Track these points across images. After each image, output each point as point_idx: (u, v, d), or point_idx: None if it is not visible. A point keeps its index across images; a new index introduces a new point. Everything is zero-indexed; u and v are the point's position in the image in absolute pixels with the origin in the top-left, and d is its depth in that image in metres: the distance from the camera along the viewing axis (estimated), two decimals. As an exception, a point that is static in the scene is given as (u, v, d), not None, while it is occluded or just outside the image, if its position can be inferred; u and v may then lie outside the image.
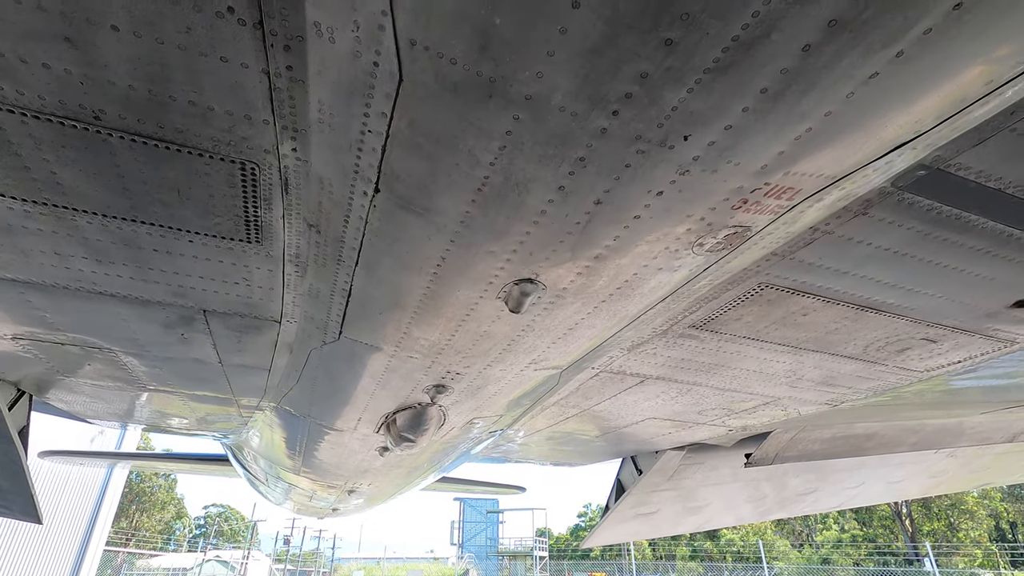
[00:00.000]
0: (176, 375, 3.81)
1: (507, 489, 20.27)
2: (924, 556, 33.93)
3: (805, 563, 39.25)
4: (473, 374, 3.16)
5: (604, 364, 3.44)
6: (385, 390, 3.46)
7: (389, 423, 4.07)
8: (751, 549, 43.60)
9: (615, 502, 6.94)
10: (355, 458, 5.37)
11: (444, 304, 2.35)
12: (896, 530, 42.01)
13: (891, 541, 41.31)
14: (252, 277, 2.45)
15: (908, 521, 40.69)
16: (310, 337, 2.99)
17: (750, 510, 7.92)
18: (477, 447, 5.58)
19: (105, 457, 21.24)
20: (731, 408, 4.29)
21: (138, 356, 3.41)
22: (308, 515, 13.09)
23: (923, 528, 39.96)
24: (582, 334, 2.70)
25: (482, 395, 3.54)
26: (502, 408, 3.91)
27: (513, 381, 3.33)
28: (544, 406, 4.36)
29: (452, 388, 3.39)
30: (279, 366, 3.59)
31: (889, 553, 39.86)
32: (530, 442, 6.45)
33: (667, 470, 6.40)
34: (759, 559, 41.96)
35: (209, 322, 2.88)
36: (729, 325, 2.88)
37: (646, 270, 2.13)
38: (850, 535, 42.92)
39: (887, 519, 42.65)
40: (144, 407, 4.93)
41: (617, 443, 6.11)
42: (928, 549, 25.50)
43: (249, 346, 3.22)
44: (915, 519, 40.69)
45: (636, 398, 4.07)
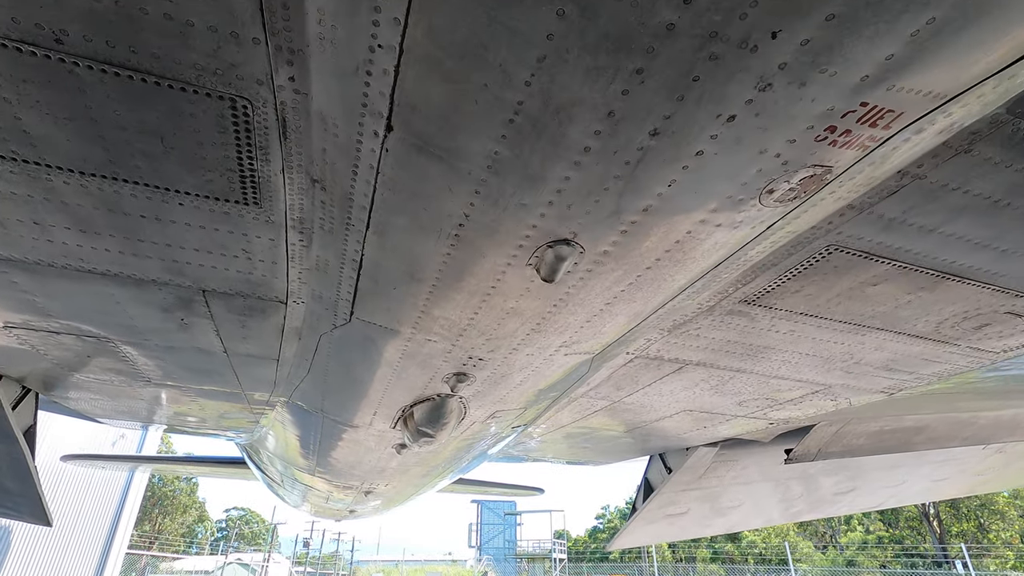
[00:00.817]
0: (181, 368, 3.59)
1: (525, 491, 19.97)
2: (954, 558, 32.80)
3: (830, 565, 38.24)
4: (497, 360, 2.87)
5: (640, 348, 3.13)
6: (402, 380, 3.20)
7: (406, 417, 3.80)
8: (773, 551, 42.63)
9: (643, 502, 6.60)
10: (371, 457, 5.12)
11: (467, 274, 2.07)
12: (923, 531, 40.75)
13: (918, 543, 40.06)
14: (252, 248, 2.19)
15: (936, 522, 39.43)
16: (319, 320, 2.73)
17: (784, 511, 7.51)
18: (497, 445, 5.29)
19: (126, 460, 21.46)
20: (775, 398, 3.94)
21: (138, 346, 3.19)
22: (325, 517, 12.93)
23: (951, 529, 38.68)
24: (620, 310, 2.39)
25: (506, 385, 3.26)
26: (527, 400, 3.62)
27: (540, 368, 3.03)
28: (571, 398, 4.06)
29: (474, 377, 3.11)
30: (288, 355, 3.34)
31: (917, 555, 38.66)
32: (551, 439, 6.14)
33: (698, 468, 6.05)
34: (782, 561, 40.98)
35: (209, 304, 2.64)
36: (786, 299, 2.55)
37: (702, 228, 1.83)
38: (875, 536, 41.76)
39: (914, 520, 41.38)
40: (152, 405, 4.74)
41: (645, 439, 5.78)
42: (964, 551, 24.54)
43: (254, 332, 2.98)
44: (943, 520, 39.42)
45: (672, 387, 3.75)
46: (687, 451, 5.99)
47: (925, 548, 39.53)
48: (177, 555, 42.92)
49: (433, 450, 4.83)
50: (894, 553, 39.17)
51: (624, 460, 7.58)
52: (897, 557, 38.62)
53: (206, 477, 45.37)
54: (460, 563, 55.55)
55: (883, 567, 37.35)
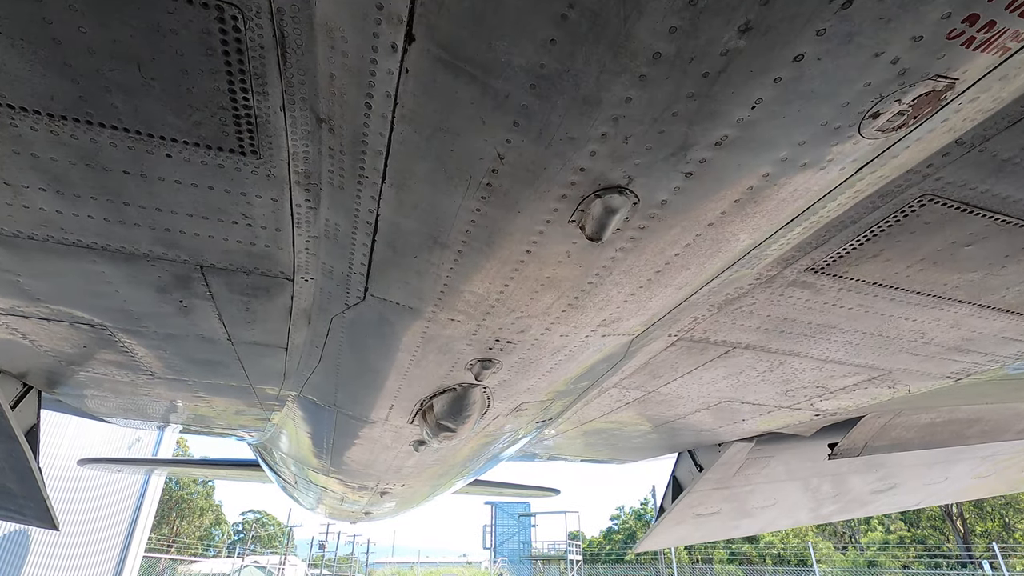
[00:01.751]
0: (184, 359, 3.35)
1: (541, 492, 19.67)
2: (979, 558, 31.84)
3: (850, 566, 37.41)
4: (527, 342, 2.58)
5: (684, 329, 2.82)
6: (421, 368, 2.92)
7: (425, 410, 3.53)
8: (792, 551, 41.80)
9: (672, 502, 6.26)
10: (387, 455, 4.86)
11: (500, 235, 1.79)
12: (946, 531, 39.68)
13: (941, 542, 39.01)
14: (253, 212, 1.93)
15: (960, 521, 38.37)
16: (330, 299, 2.46)
17: (817, 511, 7.11)
18: (519, 442, 5.00)
19: (142, 464, 21.50)
20: (827, 386, 3.60)
21: (136, 334, 2.95)
22: (340, 519, 12.73)
23: (975, 528, 37.62)
24: (671, 280, 2.09)
25: (535, 372, 2.96)
26: (556, 391, 3.32)
27: (574, 352, 2.74)
28: (601, 389, 3.75)
29: (500, 363, 2.82)
30: (297, 342, 3.08)
31: (940, 555, 37.68)
32: (572, 436, 5.84)
33: (732, 465, 5.70)
34: (801, 562, 40.15)
35: (209, 282, 2.38)
36: (860, 266, 2.23)
37: (782, 170, 1.52)
38: (897, 536, 40.81)
39: (936, 519, 40.32)
40: (157, 402, 4.52)
41: (675, 435, 5.45)
42: (996, 550, 23.68)
43: (260, 315, 2.72)
44: (967, 519, 38.34)
45: (714, 375, 3.43)
46: (719, 447, 5.65)
47: (948, 548, 38.54)
48: (195, 558, 43.20)
49: (452, 447, 4.55)
50: (916, 553, 38.23)
51: (649, 458, 7.25)
52: (920, 557, 37.68)
53: (221, 480, 45.63)
54: (475, 564, 55.35)
55: (905, 567, 36.45)
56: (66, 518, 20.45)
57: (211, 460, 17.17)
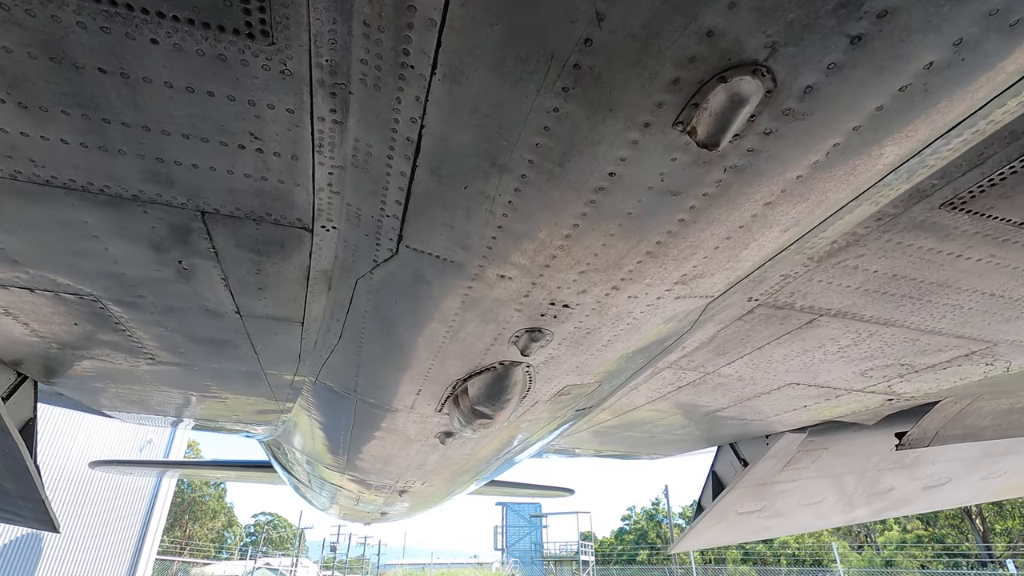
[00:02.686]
0: (187, 338, 2.97)
1: (555, 492, 19.31)
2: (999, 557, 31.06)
3: (867, 566, 36.67)
4: (587, 306, 2.17)
5: (770, 291, 2.40)
6: (458, 342, 2.52)
7: (458, 395, 3.12)
8: (807, 551, 41.15)
9: (712, 499, 5.82)
10: (410, 449, 4.47)
11: (578, 149, 1.38)
12: (965, 530, 38.77)
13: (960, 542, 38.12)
14: (264, 129, 1.53)
15: (979, 520, 37.46)
16: (355, 255, 2.07)
17: (868, 507, 6.63)
18: (552, 434, 4.58)
19: (154, 466, 21.42)
20: (915, 363, 3.16)
21: (131, 307, 2.58)
22: (355, 520, 12.38)
23: (995, 527, 36.74)
24: (782, 216, 1.67)
25: (589, 346, 2.55)
26: (607, 371, 2.91)
27: (638, 321, 2.32)
28: (655, 369, 3.34)
29: (551, 334, 2.41)
30: (315, 314, 2.69)
31: (960, 554, 36.82)
32: (608, 427, 5.42)
33: (780, 459, 5.25)
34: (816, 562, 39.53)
35: (212, 235, 1.99)
36: (1016, 197, 1.79)
37: (961, 53, 1.11)
38: (914, 535, 39.98)
39: (955, 518, 39.41)
40: (161, 393, 4.16)
41: (718, 426, 5.01)
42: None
43: (272, 280, 2.33)
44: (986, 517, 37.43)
45: (788, 351, 3.00)
46: (767, 439, 5.20)
47: (967, 547, 37.72)
48: (207, 560, 43.19)
49: (480, 439, 4.15)
50: (934, 552, 37.47)
51: (684, 453, 6.80)
52: (938, 557, 36.91)
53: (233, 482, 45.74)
54: (486, 566, 55.05)
55: (923, 567, 35.73)
56: (78, 521, 20.34)
57: (222, 462, 17.08)
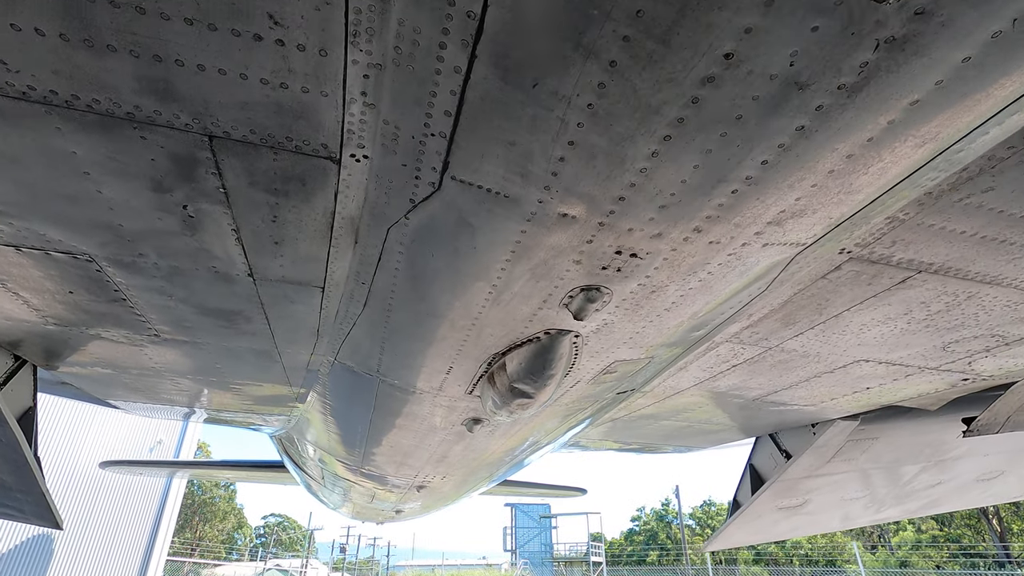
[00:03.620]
0: (194, 309, 2.67)
1: (567, 492, 18.96)
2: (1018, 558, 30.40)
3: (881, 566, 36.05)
4: (660, 253, 1.84)
5: (869, 239, 2.05)
6: (500, 306, 2.20)
7: (494, 371, 2.80)
8: (820, 552, 40.58)
9: (752, 494, 5.46)
10: (433, 439, 4.15)
11: (692, 12, 1.06)
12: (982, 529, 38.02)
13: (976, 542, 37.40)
14: (285, 5, 1.22)
15: (996, 520, 36.68)
16: (390, 193, 1.75)
17: (920, 500, 6.23)
18: (585, 421, 4.25)
19: (164, 466, 21.29)
20: (1007, 334, 2.80)
21: (131, 269, 2.28)
22: (368, 520, 12.08)
23: (1012, 527, 36.00)
24: (916, 129, 1.34)
25: (650, 310, 2.22)
26: (663, 342, 2.58)
27: (715, 276, 1.99)
28: (712, 344, 3.00)
29: (610, 294, 2.08)
30: (338, 276, 2.37)
31: (976, 555, 36.10)
32: (644, 414, 5.08)
33: (828, 449, 4.89)
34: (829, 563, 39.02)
35: (222, 168, 1.68)
36: None
37: None
38: (929, 536, 39.29)
39: (971, 518, 38.64)
40: (168, 379, 3.87)
41: (760, 414, 4.66)
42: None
43: (291, 231, 2.02)
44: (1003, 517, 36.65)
45: (870, 319, 2.65)
46: (813, 428, 4.84)
47: (983, 547, 37.03)
48: (218, 562, 43.17)
49: (512, 425, 3.83)
50: (950, 553, 36.82)
51: (717, 445, 6.44)
52: (954, 557, 36.26)
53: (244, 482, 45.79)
54: (496, 567, 54.74)
55: (938, 568, 35.12)
56: (89, 521, 20.25)
57: (233, 462, 16.95)
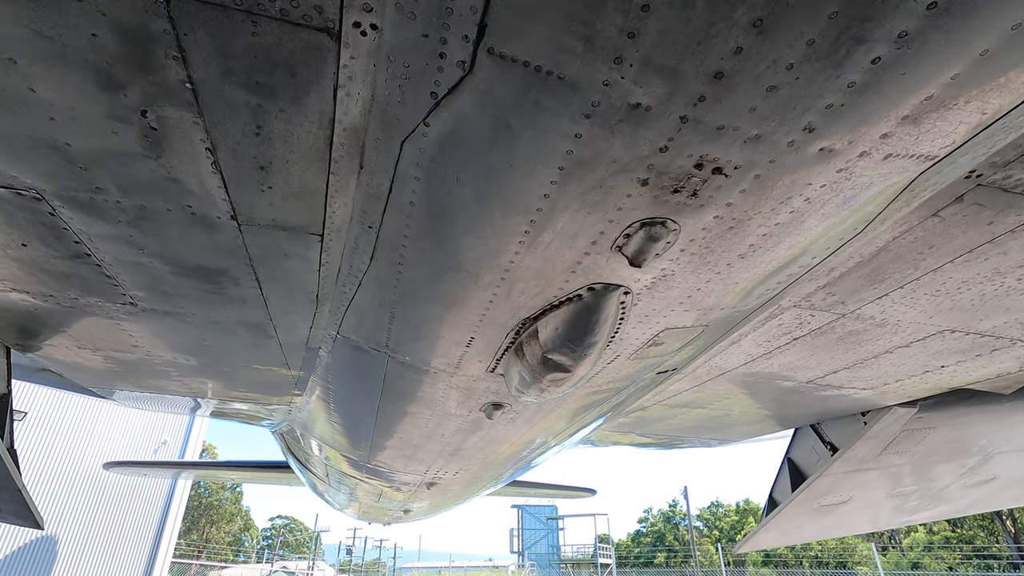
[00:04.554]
0: (170, 266, 2.26)
1: (576, 492, 18.55)
2: None
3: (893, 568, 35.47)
4: (754, 167, 1.42)
5: (1006, 157, 1.62)
6: (537, 250, 1.78)
7: (523, 341, 2.37)
8: (831, 554, 40.04)
9: (792, 491, 5.01)
10: (447, 428, 3.73)
11: None
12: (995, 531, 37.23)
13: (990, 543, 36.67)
14: None
15: (1009, 521, 35.92)
16: (406, 86, 1.34)
17: (970, 495, 5.74)
18: (615, 409, 3.83)
19: (169, 467, 21.06)
20: None
21: (89, 209, 1.87)
22: (374, 521, 11.68)
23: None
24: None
25: (723, 255, 1.80)
26: (727, 303, 2.15)
27: (812, 203, 1.57)
28: (776, 310, 2.56)
29: (677, 229, 1.66)
30: (340, 218, 1.95)
31: (990, 556, 35.42)
32: (673, 402, 4.65)
33: (880, 440, 4.44)
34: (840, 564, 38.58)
35: (186, 49, 1.27)
36: None
37: None
38: (941, 537, 38.58)
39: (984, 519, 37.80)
40: (152, 364, 3.47)
41: (803, 401, 4.22)
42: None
43: (279, 147, 1.60)
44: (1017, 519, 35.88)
45: (973, 274, 2.21)
46: (864, 417, 4.39)
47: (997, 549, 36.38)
48: (224, 564, 42.93)
49: (538, 411, 3.40)
50: (963, 555, 36.21)
51: (748, 439, 5.99)
52: (968, 559, 35.65)
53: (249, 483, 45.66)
54: (502, 569, 54.32)
55: (951, 570, 34.57)
56: (92, 523, 20.00)
57: (238, 462, 16.72)
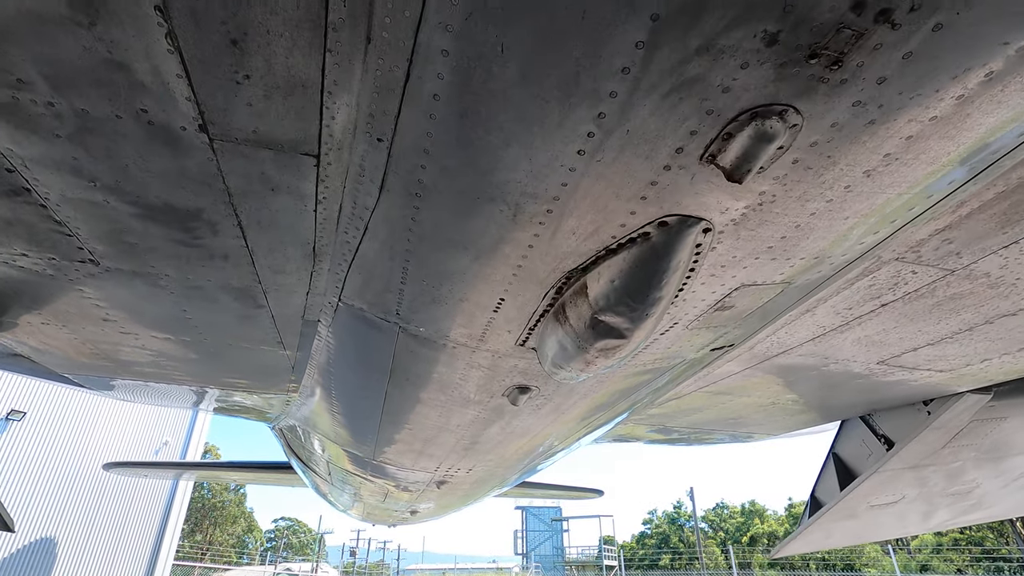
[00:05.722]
0: (127, 201, 1.80)
1: (583, 493, 18.15)
2: None
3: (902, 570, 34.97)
4: (921, 26, 0.98)
5: None
6: (602, 164, 1.33)
7: (565, 302, 1.92)
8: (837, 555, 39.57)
9: (841, 489, 4.54)
10: (464, 417, 3.27)
11: None
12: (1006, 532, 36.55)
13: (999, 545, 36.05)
14: None
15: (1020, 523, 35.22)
16: None
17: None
18: (659, 392, 3.37)
19: (170, 468, 20.79)
20: None
21: (12, 114, 1.44)
22: (379, 522, 11.22)
23: None
24: None
25: (846, 166, 1.35)
26: (830, 248, 1.70)
27: (995, 80, 1.13)
28: (876, 263, 2.10)
29: (800, 123, 1.21)
30: (342, 125, 1.50)
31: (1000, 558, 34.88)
32: (717, 388, 4.19)
33: (946, 432, 3.96)
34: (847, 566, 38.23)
35: None
36: None
37: None
38: (950, 539, 38.02)
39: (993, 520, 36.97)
40: (126, 344, 3.03)
41: (857, 387, 3.75)
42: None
43: (258, 6, 1.16)
44: None
45: None
46: (927, 405, 3.92)
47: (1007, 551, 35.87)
48: (227, 566, 42.60)
49: (571, 393, 2.94)
50: (972, 556, 35.72)
51: (785, 433, 5.53)
52: (977, 561, 35.15)
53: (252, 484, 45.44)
54: (506, 571, 53.93)
55: (959, 572, 34.10)
56: (93, 524, 19.69)
57: (240, 463, 16.48)
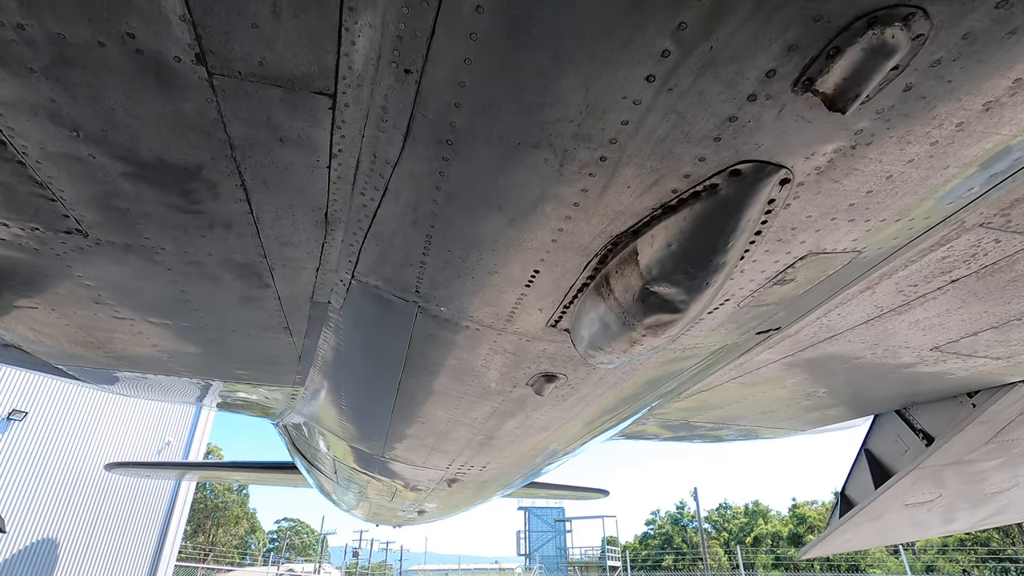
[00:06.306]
0: (113, 156, 1.58)
1: (589, 493, 17.96)
2: None
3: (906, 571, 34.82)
4: None
5: None
6: (673, 95, 1.11)
7: (610, 273, 1.70)
8: (842, 555, 39.39)
9: (876, 488, 4.31)
10: (483, 409, 3.04)
11: None
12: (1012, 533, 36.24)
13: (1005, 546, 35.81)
14: None
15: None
16: None
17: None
18: (695, 378, 3.14)
19: (172, 468, 20.69)
20: None
21: None
22: (384, 523, 11.00)
23: None
24: None
25: (974, 89, 1.13)
26: (926, 201, 1.48)
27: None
28: (956, 230, 1.88)
29: (925, 35, 0.99)
30: (363, 54, 1.28)
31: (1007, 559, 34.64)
32: (744, 380, 3.97)
33: (992, 426, 3.73)
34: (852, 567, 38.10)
35: None
36: None
37: None
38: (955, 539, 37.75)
39: None
40: (120, 331, 2.81)
41: (902, 378, 3.53)
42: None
43: None
44: None
45: None
46: (971, 397, 3.69)
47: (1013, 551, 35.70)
48: (230, 567, 42.45)
49: (604, 380, 2.72)
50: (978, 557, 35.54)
51: (811, 429, 5.29)
52: (983, 561, 34.98)
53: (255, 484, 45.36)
54: (509, 571, 53.71)
55: (965, 572, 33.91)
56: (95, 524, 19.56)
57: (243, 463, 16.36)
